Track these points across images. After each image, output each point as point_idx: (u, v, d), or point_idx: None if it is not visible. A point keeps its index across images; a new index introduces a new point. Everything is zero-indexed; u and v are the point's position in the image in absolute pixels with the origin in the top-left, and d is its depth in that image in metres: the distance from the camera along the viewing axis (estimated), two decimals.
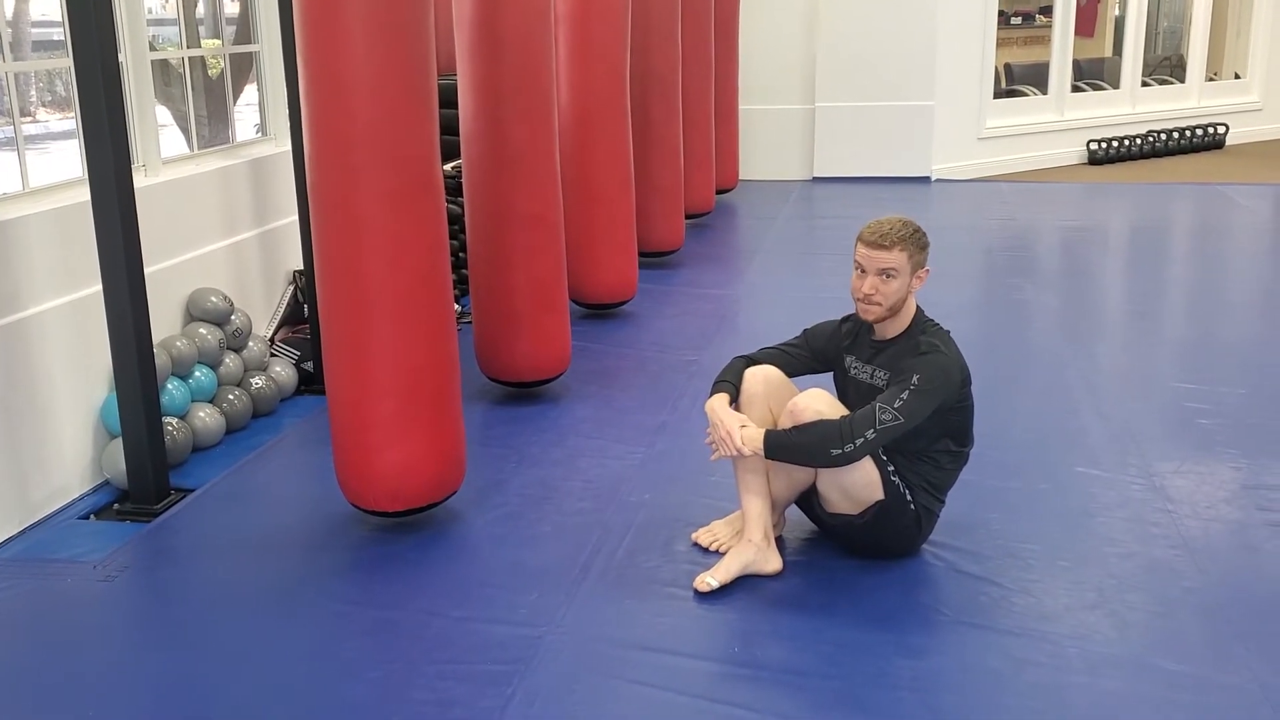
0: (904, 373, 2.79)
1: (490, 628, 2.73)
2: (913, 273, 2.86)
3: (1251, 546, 3.09)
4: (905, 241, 2.84)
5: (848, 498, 2.88)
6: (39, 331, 3.43)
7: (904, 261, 2.84)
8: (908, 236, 2.85)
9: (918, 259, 2.86)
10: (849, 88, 9.11)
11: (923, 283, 2.89)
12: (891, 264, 2.82)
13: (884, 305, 2.86)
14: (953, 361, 2.84)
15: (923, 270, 2.88)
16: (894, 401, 2.73)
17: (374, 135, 2.88)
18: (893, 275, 2.83)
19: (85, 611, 2.89)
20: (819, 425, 2.76)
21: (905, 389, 2.74)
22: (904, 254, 2.84)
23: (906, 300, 2.89)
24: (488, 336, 4.19)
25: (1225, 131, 10.75)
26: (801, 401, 2.83)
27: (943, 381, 2.79)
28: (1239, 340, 5.04)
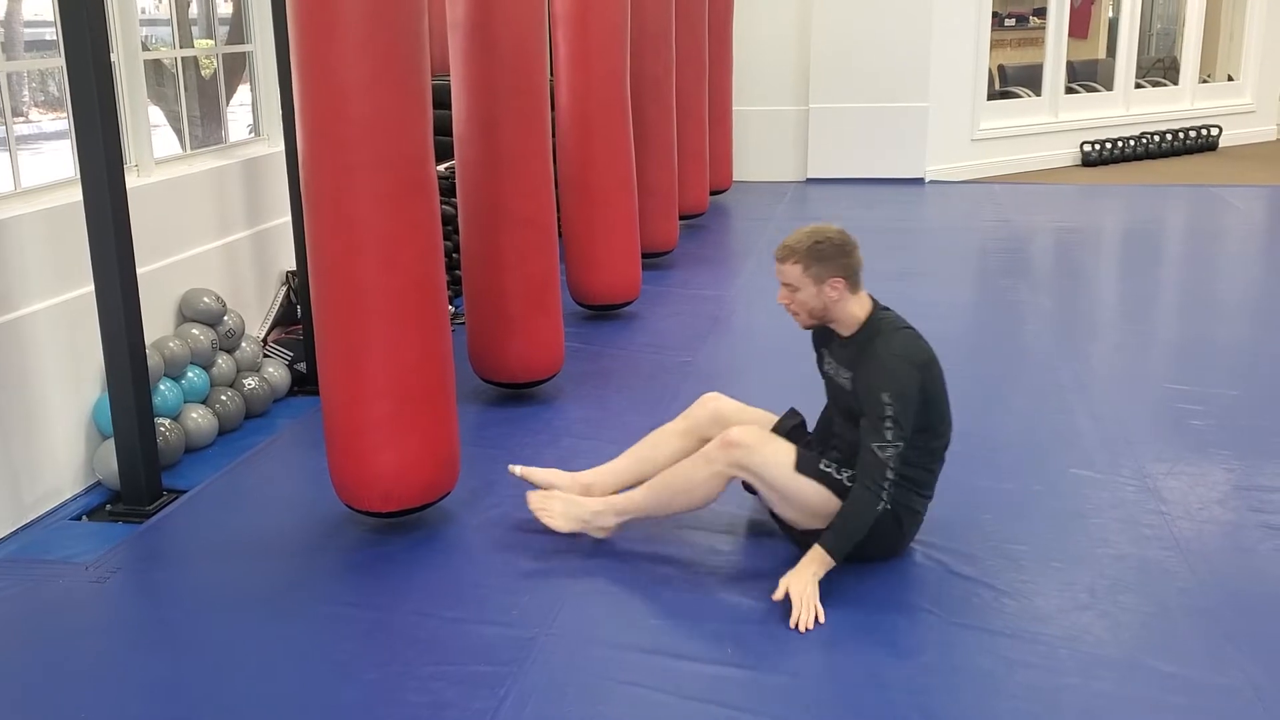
0: (869, 388, 2.79)
1: (483, 629, 2.73)
2: (816, 283, 2.86)
3: (1244, 548, 3.09)
4: (798, 254, 2.87)
5: (810, 517, 2.90)
6: (31, 332, 3.42)
7: (798, 274, 2.87)
8: (801, 249, 2.87)
9: (815, 270, 2.85)
10: (843, 89, 9.11)
11: (840, 291, 2.87)
12: (786, 277, 2.89)
13: (802, 314, 2.93)
14: (907, 361, 2.82)
15: (834, 279, 2.86)
16: (884, 434, 2.75)
17: (367, 135, 2.88)
18: (794, 288, 2.89)
19: (77, 613, 2.88)
20: (853, 505, 2.78)
21: (884, 418, 2.75)
22: (796, 266, 2.86)
23: (833, 306, 2.89)
24: (481, 337, 4.19)
25: (1218, 133, 10.77)
26: (733, 434, 2.91)
27: (907, 384, 2.79)
28: (1232, 341, 5.06)
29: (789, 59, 9.29)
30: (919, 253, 6.89)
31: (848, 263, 2.88)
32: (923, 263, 6.59)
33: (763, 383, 4.50)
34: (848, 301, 2.90)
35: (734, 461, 2.91)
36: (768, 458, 2.89)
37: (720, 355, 4.90)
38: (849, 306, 2.91)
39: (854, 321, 2.92)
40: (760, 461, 2.89)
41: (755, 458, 2.89)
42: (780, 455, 2.90)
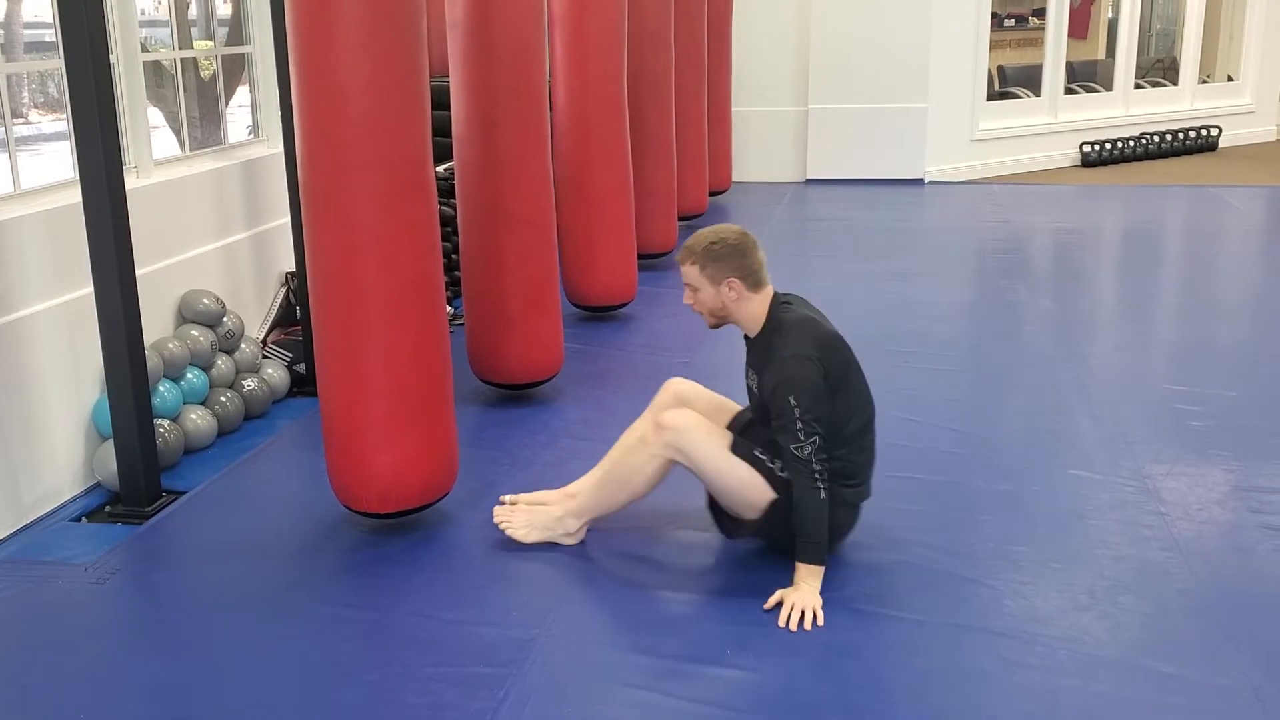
0: (774, 393, 2.80)
1: (483, 630, 2.73)
2: (713, 283, 2.89)
3: (1244, 548, 3.09)
4: (694, 255, 2.90)
5: (745, 505, 2.91)
6: (30, 333, 3.42)
7: (695, 275, 2.90)
8: (698, 250, 2.89)
9: (712, 270, 2.87)
10: (842, 90, 9.11)
11: (739, 291, 2.88)
12: (686, 278, 2.93)
13: (705, 314, 2.97)
14: (803, 359, 2.81)
15: (730, 279, 2.87)
16: (797, 435, 2.76)
17: (365, 135, 2.88)
18: (694, 288, 2.92)
19: (76, 614, 2.88)
20: (800, 509, 2.79)
21: (795, 419, 2.76)
22: (694, 267, 2.90)
23: (732, 305, 2.91)
24: (480, 338, 4.19)
25: (1218, 134, 10.77)
26: (666, 417, 2.94)
27: (808, 379, 2.80)
28: (1231, 342, 5.06)
29: (788, 59, 9.29)
30: (918, 253, 6.89)
31: (744, 263, 2.89)
32: (922, 263, 6.59)
33: None
34: (747, 301, 2.92)
35: (668, 444, 2.91)
36: (701, 441, 2.89)
37: (718, 356, 4.90)
38: (749, 306, 2.93)
39: (755, 321, 2.94)
40: (693, 444, 2.89)
41: (688, 440, 2.89)
42: (713, 439, 2.91)
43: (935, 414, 4.07)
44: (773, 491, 2.86)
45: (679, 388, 3.21)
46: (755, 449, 2.90)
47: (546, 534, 3.12)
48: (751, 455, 2.88)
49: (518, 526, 3.13)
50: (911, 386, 4.36)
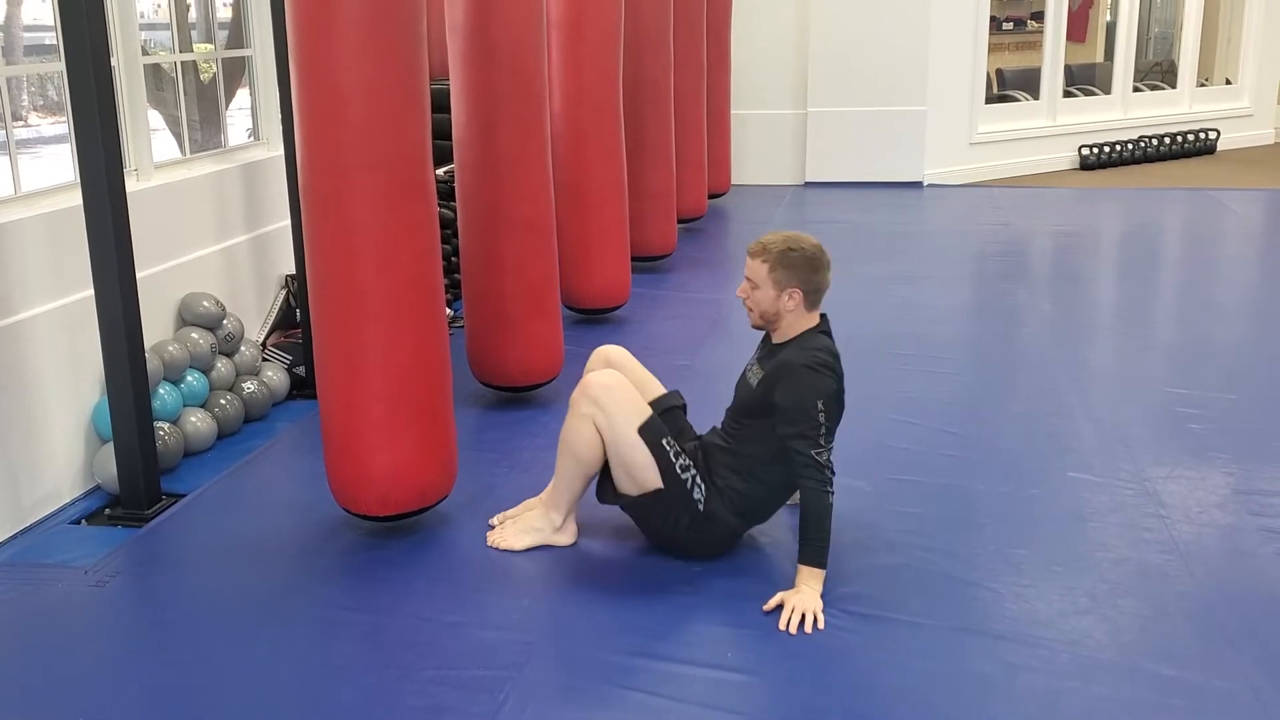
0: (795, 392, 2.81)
1: (483, 633, 2.73)
2: (777, 287, 2.89)
3: (1244, 551, 3.09)
4: (769, 254, 2.89)
5: (630, 481, 2.95)
6: (30, 336, 3.42)
7: (763, 273, 2.89)
8: (775, 251, 2.89)
9: (780, 274, 2.87)
10: (841, 93, 9.12)
11: (797, 303, 2.89)
12: (751, 272, 2.92)
13: (754, 311, 2.96)
14: (824, 368, 2.85)
15: (793, 289, 2.88)
16: (819, 441, 2.79)
17: (365, 138, 2.88)
18: (754, 284, 2.92)
19: (76, 617, 2.88)
20: (809, 511, 2.80)
21: (818, 425, 2.79)
22: (764, 265, 2.89)
23: (785, 314, 2.92)
24: (480, 340, 4.19)
25: (1216, 137, 10.79)
26: (593, 375, 2.99)
27: (831, 387, 2.84)
28: (1231, 345, 5.06)
29: (787, 62, 9.30)
30: (917, 256, 6.89)
31: (813, 279, 2.90)
32: (921, 266, 6.60)
33: None
34: (798, 316, 2.93)
35: (592, 398, 2.94)
36: (622, 404, 2.93)
37: (718, 358, 4.90)
38: (796, 321, 2.94)
39: (790, 334, 2.95)
40: (612, 403, 2.92)
41: (609, 398, 2.93)
42: (633, 408, 2.94)
43: (935, 417, 4.07)
44: (660, 482, 2.91)
45: (609, 353, 3.23)
46: (665, 438, 2.93)
47: (537, 535, 3.12)
48: (658, 442, 2.91)
49: (509, 538, 3.14)
50: (911, 389, 4.37)
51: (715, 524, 2.96)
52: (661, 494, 2.92)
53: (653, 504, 2.95)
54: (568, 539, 3.13)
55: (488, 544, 3.16)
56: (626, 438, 2.91)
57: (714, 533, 2.98)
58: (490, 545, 3.15)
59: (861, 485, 3.46)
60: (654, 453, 2.91)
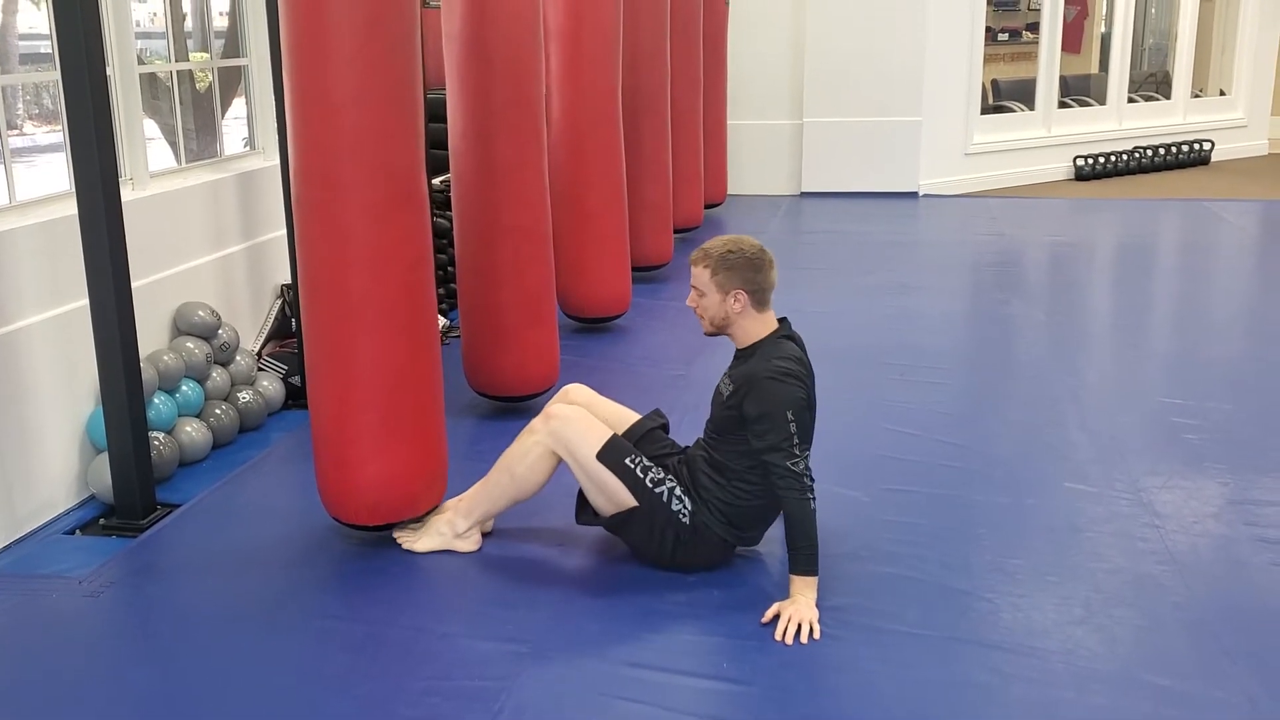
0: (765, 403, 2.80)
1: (476, 644, 2.72)
2: (721, 291, 2.88)
3: (1239, 562, 3.09)
4: (709, 259, 2.89)
5: (607, 502, 2.97)
6: (25, 345, 3.41)
7: (706, 279, 2.90)
8: (715, 255, 2.89)
9: (722, 277, 2.87)
10: (836, 103, 9.15)
11: (743, 305, 2.88)
12: (696, 280, 2.93)
13: (705, 319, 2.96)
14: (792, 377, 2.84)
15: (737, 291, 2.87)
16: (792, 452, 2.78)
17: (357, 147, 2.88)
18: (700, 291, 2.92)
19: (70, 627, 2.87)
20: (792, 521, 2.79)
21: (790, 436, 2.78)
22: (706, 270, 2.89)
23: (734, 318, 2.91)
24: (476, 350, 4.19)
25: (1211, 148, 10.82)
26: (554, 407, 3.05)
27: (799, 398, 2.82)
28: (1225, 355, 5.07)
29: (783, 73, 9.32)
30: (913, 266, 6.90)
31: (755, 278, 2.89)
32: (917, 276, 6.60)
33: None
34: (749, 318, 2.92)
35: (551, 432, 2.98)
36: (582, 434, 2.96)
37: (713, 369, 4.88)
38: (748, 323, 2.93)
39: (749, 338, 2.94)
40: (573, 435, 2.96)
41: (570, 430, 2.96)
42: (592, 436, 2.96)
43: (930, 427, 4.08)
44: (634, 500, 2.93)
45: (577, 395, 3.24)
46: (629, 457, 2.94)
47: (438, 539, 3.14)
48: (621, 464, 2.93)
49: (412, 539, 3.16)
50: (906, 399, 4.37)
51: (704, 535, 2.96)
52: (638, 510, 2.93)
53: (631, 521, 2.95)
54: (470, 546, 3.15)
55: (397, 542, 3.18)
56: (590, 465, 2.95)
57: (705, 544, 2.97)
58: (398, 540, 3.18)
59: (857, 495, 3.47)
60: (617, 474, 2.93)
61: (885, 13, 8.92)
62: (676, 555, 2.97)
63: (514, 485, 3.08)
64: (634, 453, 2.97)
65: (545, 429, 3.01)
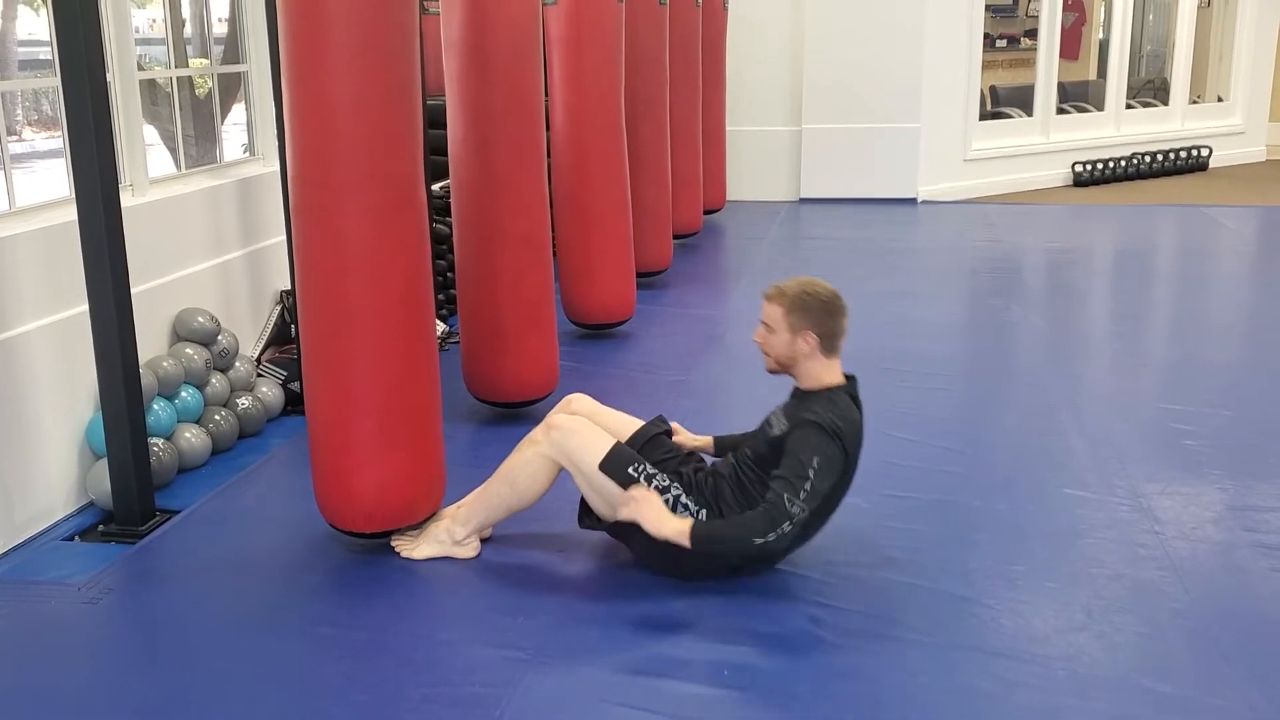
0: (798, 447, 2.79)
1: (476, 650, 2.72)
2: (792, 331, 2.88)
3: (1239, 568, 3.09)
4: (784, 297, 2.89)
5: (609, 506, 2.96)
6: (25, 351, 3.41)
7: (778, 316, 2.89)
8: (790, 294, 2.89)
9: (794, 319, 2.87)
10: (835, 110, 9.15)
11: (812, 348, 2.87)
12: (767, 316, 2.92)
13: (770, 356, 2.95)
14: (839, 436, 2.82)
15: (808, 333, 2.86)
16: (798, 493, 2.75)
17: (357, 154, 2.88)
18: (770, 328, 2.91)
19: (69, 633, 2.87)
20: (745, 519, 2.79)
21: (805, 482, 2.75)
22: (779, 308, 2.89)
23: (801, 359, 2.89)
24: (475, 356, 4.19)
25: (1209, 154, 10.83)
26: (557, 418, 3.06)
27: (833, 457, 2.81)
28: (1224, 361, 5.07)
29: (782, 80, 9.33)
30: (912, 273, 6.91)
31: (828, 323, 2.89)
32: (915, 282, 6.61)
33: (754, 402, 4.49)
34: (815, 361, 2.91)
35: (553, 442, 2.99)
36: (585, 444, 2.96)
37: (713, 374, 4.90)
38: (814, 366, 2.91)
39: (813, 382, 2.92)
40: (576, 446, 2.96)
41: (573, 441, 2.96)
42: (595, 446, 2.95)
43: (930, 433, 4.08)
44: None
45: (579, 405, 3.24)
46: (631, 465, 2.93)
47: (437, 546, 3.14)
48: (623, 472, 2.92)
49: (408, 544, 3.16)
50: (906, 405, 4.37)
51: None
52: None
53: (633, 528, 2.91)
54: (469, 553, 3.14)
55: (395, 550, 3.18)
56: (593, 475, 2.95)
57: (709, 555, 2.93)
58: (395, 548, 3.17)
59: (858, 502, 3.45)
60: (620, 484, 2.92)
61: (884, 19, 8.93)
62: (682, 563, 2.95)
63: (514, 494, 3.08)
64: (636, 461, 2.96)
65: (547, 439, 3.00)
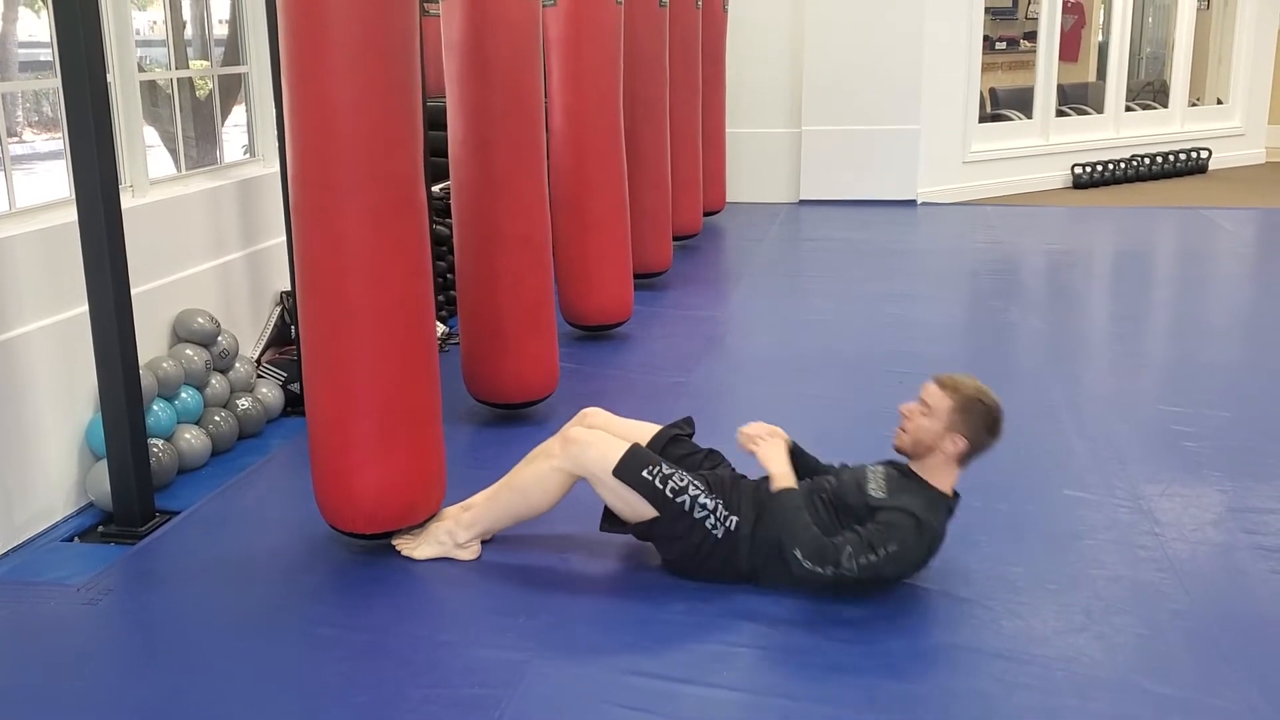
0: (894, 526, 2.78)
1: (476, 651, 2.72)
2: (948, 427, 2.85)
3: (1238, 569, 3.10)
4: (958, 393, 2.86)
5: (632, 514, 2.98)
6: (25, 352, 3.41)
7: (944, 406, 2.85)
8: (964, 392, 2.86)
9: (958, 419, 2.84)
10: (835, 112, 9.16)
11: (956, 451, 2.85)
12: (931, 398, 2.87)
13: (909, 435, 2.90)
14: (927, 541, 2.84)
15: (959, 438, 2.84)
16: (861, 559, 2.75)
17: (357, 155, 2.88)
18: (926, 411, 2.87)
19: (68, 634, 2.87)
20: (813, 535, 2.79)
21: (876, 554, 2.76)
22: (947, 401, 2.85)
23: (938, 455, 2.87)
24: (476, 357, 4.19)
25: (1208, 156, 10.84)
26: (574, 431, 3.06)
27: (911, 556, 2.83)
28: (1223, 363, 5.07)
29: (782, 82, 9.34)
30: (911, 274, 6.91)
31: (983, 438, 2.88)
32: (915, 284, 6.61)
33: (755, 403, 4.50)
34: (948, 464, 2.89)
35: (571, 457, 2.99)
36: (602, 454, 2.96)
37: (714, 376, 4.90)
38: (944, 466, 2.90)
39: (929, 476, 2.90)
40: (594, 458, 2.97)
41: (590, 454, 2.97)
42: (611, 455, 2.96)
43: None
44: (654, 510, 2.93)
45: (595, 419, 3.25)
46: (646, 468, 2.93)
47: (439, 547, 3.15)
48: (638, 477, 2.92)
49: (411, 545, 3.16)
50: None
51: (731, 548, 2.94)
52: (659, 520, 2.94)
53: (654, 530, 2.97)
54: (470, 555, 3.15)
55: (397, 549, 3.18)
56: (610, 481, 2.95)
57: (730, 557, 2.94)
58: (396, 546, 3.18)
59: None
60: (635, 487, 2.93)
61: (884, 21, 8.93)
62: (705, 566, 2.96)
63: (525, 505, 3.10)
64: (652, 463, 2.95)
65: (565, 454, 3.00)
